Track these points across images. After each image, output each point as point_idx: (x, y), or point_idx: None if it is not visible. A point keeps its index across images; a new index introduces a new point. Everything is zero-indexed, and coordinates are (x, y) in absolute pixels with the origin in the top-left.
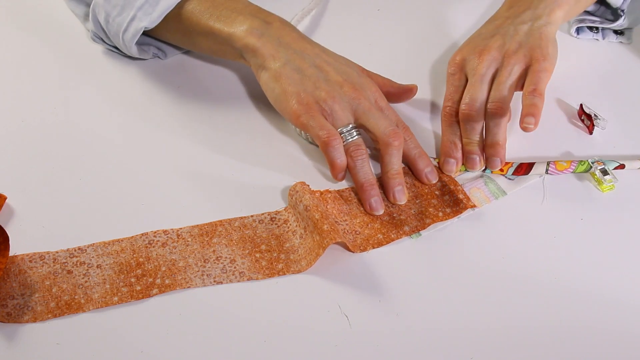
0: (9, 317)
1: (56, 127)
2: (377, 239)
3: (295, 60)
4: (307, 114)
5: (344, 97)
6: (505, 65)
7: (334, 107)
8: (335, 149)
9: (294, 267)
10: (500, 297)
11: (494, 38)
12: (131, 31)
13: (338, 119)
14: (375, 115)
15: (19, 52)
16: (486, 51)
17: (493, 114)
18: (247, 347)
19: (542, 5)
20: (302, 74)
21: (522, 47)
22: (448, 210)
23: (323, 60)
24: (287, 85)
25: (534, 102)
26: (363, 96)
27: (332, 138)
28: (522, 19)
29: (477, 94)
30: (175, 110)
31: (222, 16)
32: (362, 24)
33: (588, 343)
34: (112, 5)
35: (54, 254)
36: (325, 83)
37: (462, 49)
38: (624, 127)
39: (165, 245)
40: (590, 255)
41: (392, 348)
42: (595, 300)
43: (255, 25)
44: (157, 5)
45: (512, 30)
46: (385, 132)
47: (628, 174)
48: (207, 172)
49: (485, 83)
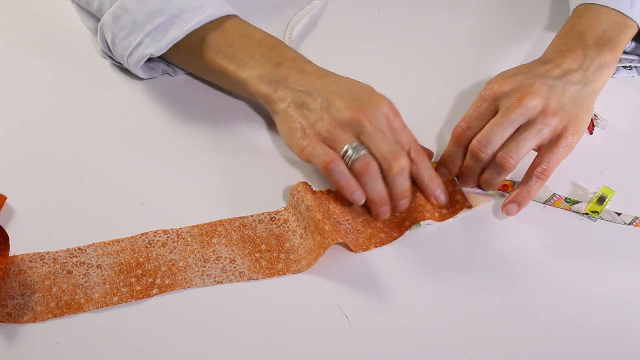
0: (9, 317)
1: (56, 127)
2: (379, 238)
3: (301, 97)
4: (309, 145)
5: (346, 122)
6: (538, 123)
7: (335, 133)
8: (336, 172)
9: (294, 266)
10: (500, 297)
11: (542, 86)
12: (136, 56)
13: (340, 141)
14: (377, 139)
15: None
16: (528, 97)
17: (500, 164)
18: (247, 347)
19: (592, 67)
20: (307, 109)
21: (562, 112)
22: (444, 211)
23: (330, 91)
24: (291, 122)
25: (531, 187)
26: (369, 118)
27: (330, 160)
28: (572, 78)
29: (496, 137)
30: (175, 110)
31: (235, 58)
32: (362, 24)
33: (588, 343)
34: (120, 27)
35: (54, 254)
36: (327, 113)
37: (506, 80)
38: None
39: (165, 245)
40: (590, 255)
41: (392, 348)
42: (595, 300)
43: (266, 72)
44: (166, 34)
45: (560, 87)
46: (386, 156)
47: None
48: (207, 172)
49: (510, 129)
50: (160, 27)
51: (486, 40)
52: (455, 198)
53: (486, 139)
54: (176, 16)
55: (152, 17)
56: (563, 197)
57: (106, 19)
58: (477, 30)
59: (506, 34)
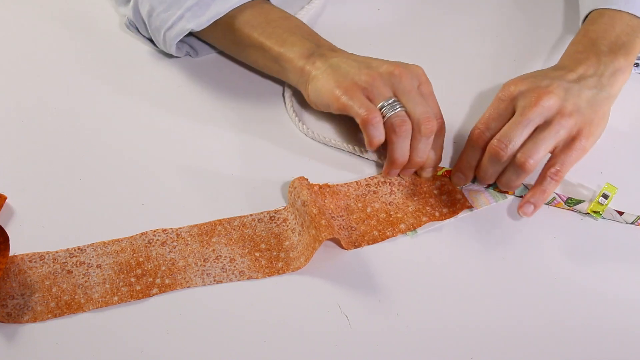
0: (9, 317)
1: (56, 127)
2: (372, 236)
3: (339, 62)
4: (346, 94)
5: (384, 75)
6: (555, 124)
7: (375, 84)
8: (375, 127)
9: (294, 264)
10: (500, 297)
11: (558, 87)
12: (176, 30)
13: (379, 94)
14: (413, 98)
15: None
16: (545, 96)
17: (519, 166)
18: (247, 346)
19: (607, 72)
20: (342, 69)
21: (578, 114)
22: (445, 210)
23: (367, 57)
24: (326, 80)
25: (546, 187)
26: (406, 76)
27: (372, 116)
28: (587, 83)
29: (515, 136)
30: (174, 110)
31: (274, 34)
32: (362, 24)
33: (588, 343)
34: (160, 0)
35: (54, 254)
36: (366, 68)
37: (522, 80)
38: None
39: (164, 245)
40: (591, 255)
41: (392, 348)
42: (596, 300)
43: (305, 48)
44: (207, 10)
45: (576, 90)
46: (420, 117)
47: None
48: (207, 172)
49: (529, 128)
50: (202, 2)
51: (486, 40)
52: (456, 197)
53: (506, 137)
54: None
55: None
56: (564, 198)
57: None
58: (477, 30)
59: (506, 34)
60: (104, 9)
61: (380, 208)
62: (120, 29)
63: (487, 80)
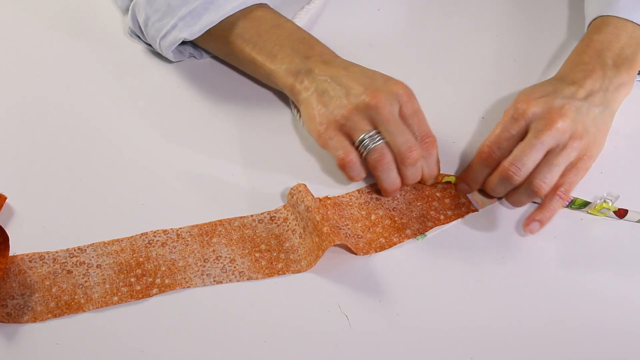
0: (8, 317)
1: (56, 127)
2: (379, 243)
3: (323, 85)
4: (326, 133)
5: (360, 108)
6: (568, 147)
7: (353, 119)
8: (351, 169)
9: (294, 266)
10: (500, 297)
11: (570, 109)
12: (169, 39)
13: (358, 129)
14: (393, 129)
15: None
16: (560, 120)
17: (534, 190)
18: (247, 347)
19: (611, 87)
20: (327, 96)
21: (586, 135)
22: (449, 212)
23: (349, 77)
24: (311, 109)
25: (554, 206)
26: (383, 104)
27: (347, 159)
28: (594, 100)
29: (529, 160)
30: (175, 109)
31: (265, 49)
32: (362, 24)
33: (588, 343)
34: (154, 9)
35: (54, 254)
36: (346, 98)
37: (536, 100)
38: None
39: (165, 245)
40: (591, 255)
41: (392, 348)
42: (595, 300)
43: (294, 64)
44: (200, 19)
45: (585, 110)
46: (401, 148)
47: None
48: (207, 172)
49: (541, 151)
50: (194, 12)
51: (486, 40)
52: (460, 201)
53: (520, 161)
54: (210, 1)
55: (187, 1)
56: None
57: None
58: (477, 30)
59: (506, 34)
60: (104, 9)
61: (384, 215)
62: (121, 29)
63: (487, 81)
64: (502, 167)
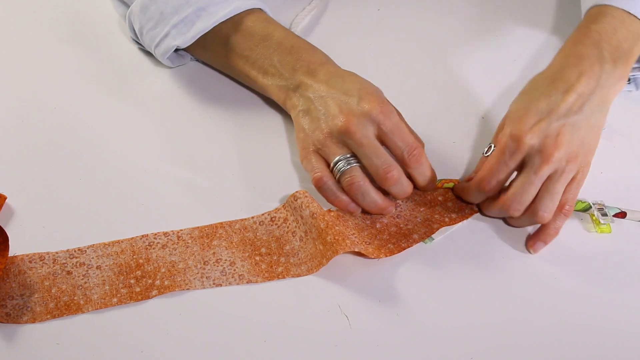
0: (8, 317)
1: (56, 127)
2: (388, 249)
3: (308, 104)
4: (305, 157)
5: (335, 134)
6: (566, 172)
7: (327, 143)
8: (324, 189)
9: (294, 270)
10: (500, 297)
11: (565, 131)
12: (163, 47)
13: (331, 153)
14: (365, 152)
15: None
16: (556, 151)
17: (537, 219)
18: (247, 347)
19: (608, 83)
20: (310, 117)
21: (582, 148)
22: (454, 215)
23: (330, 96)
24: (298, 131)
25: (559, 225)
26: (355, 128)
27: (319, 179)
28: (591, 105)
29: (529, 195)
30: (176, 112)
31: (256, 64)
32: (362, 24)
33: (588, 343)
34: (147, 18)
35: (54, 255)
36: (324, 122)
37: (531, 130)
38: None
39: (165, 247)
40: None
41: (392, 348)
42: (595, 300)
43: (283, 80)
44: (193, 27)
45: (581, 122)
46: (378, 171)
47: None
48: (208, 174)
49: (540, 184)
50: (187, 19)
51: (486, 40)
52: (462, 203)
53: (520, 197)
54: (202, 8)
55: (179, 9)
56: None
57: (134, 8)
58: (477, 30)
59: (507, 33)
60: (104, 12)
61: (389, 222)
62: (121, 31)
63: (487, 81)
64: (503, 202)
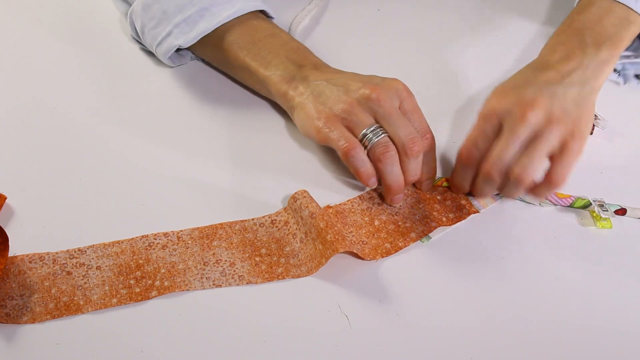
0: (7, 317)
1: (56, 127)
2: (385, 248)
3: (319, 87)
4: (326, 126)
5: (362, 101)
6: (546, 133)
7: (354, 112)
8: (356, 158)
9: (294, 271)
10: (500, 297)
11: (543, 97)
12: (165, 46)
13: (360, 122)
14: (395, 121)
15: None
16: (531, 111)
17: (517, 181)
18: (247, 347)
19: (592, 65)
20: (323, 96)
21: (566, 117)
22: (451, 215)
23: (345, 78)
24: (308, 109)
25: (543, 193)
26: (384, 97)
27: (351, 147)
28: (572, 79)
29: (507, 157)
30: (176, 112)
31: (259, 56)
32: (362, 24)
33: (588, 343)
34: (150, 16)
35: (54, 255)
36: (345, 94)
37: (505, 95)
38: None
39: (165, 248)
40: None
41: (392, 348)
42: (595, 300)
43: (288, 71)
44: (196, 26)
45: (560, 92)
46: (404, 140)
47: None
48: (209, 175)
49: (518, 145)
50: (189, 19)
51: (487, 39)
52: (461, 202)
53: (499, 159)
54: (206, 9)
55: (182, 9)
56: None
57: (136, 7)
58: (477, 30)
59: (507, 33)
60: (105, 12)
61: (387, 220)
62: (121, 31)
63: (487, 80)
64: (483, 168)
